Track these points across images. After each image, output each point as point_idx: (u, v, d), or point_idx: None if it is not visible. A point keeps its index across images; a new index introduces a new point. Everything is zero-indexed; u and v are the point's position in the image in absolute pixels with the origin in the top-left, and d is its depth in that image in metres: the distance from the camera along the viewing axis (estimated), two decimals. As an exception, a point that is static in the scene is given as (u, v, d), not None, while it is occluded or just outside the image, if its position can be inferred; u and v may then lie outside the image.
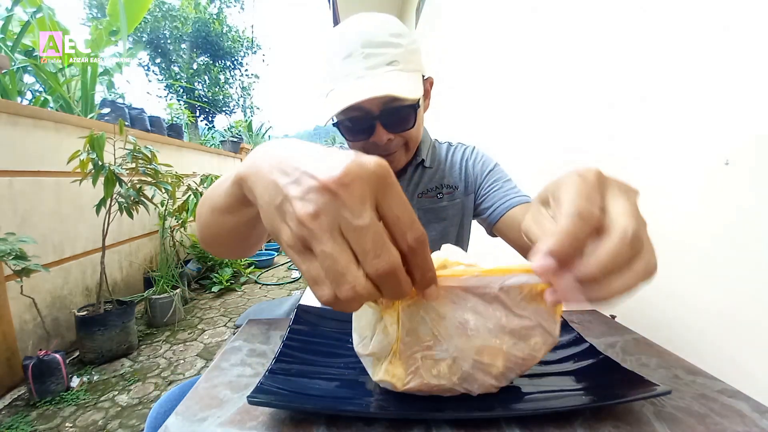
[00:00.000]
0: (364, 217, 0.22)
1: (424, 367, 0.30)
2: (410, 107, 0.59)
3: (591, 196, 0.24)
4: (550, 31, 0.95)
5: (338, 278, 0.22)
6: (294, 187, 0.23)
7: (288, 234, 0.23)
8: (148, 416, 0.52)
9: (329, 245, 0.22)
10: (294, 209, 0.23)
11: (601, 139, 0.73)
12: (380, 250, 0.22)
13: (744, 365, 0.43)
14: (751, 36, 0.43)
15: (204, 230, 0.42)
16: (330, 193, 0.22)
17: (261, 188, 0.26)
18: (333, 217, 0.22)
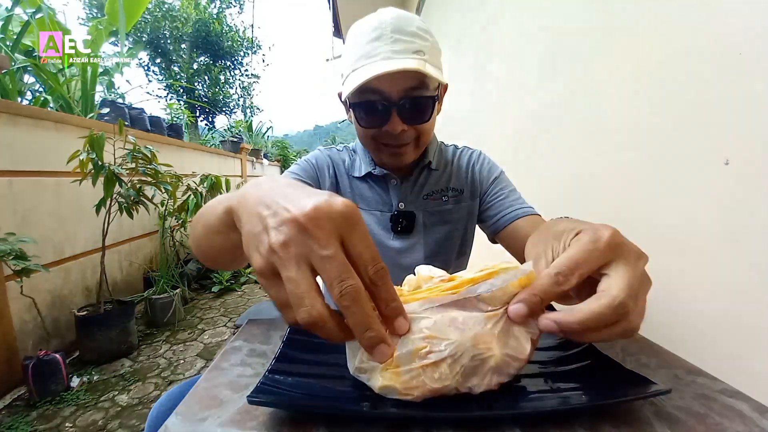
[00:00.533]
0: (329, 249, 0.25)
1: (426, 375, 0.30)
2: (429, 99, 0.59)
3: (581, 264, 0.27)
4: (550, 31, 0.95)
5: (297, 302, 0.25)
6: (272, 218, 0.26)
7: (259, 260, 0.26)
8: (149, 416, 0.52)
9: (293, 272, 0.25)
10: (268, 238, 0.26)
11: (602, 138, 0.73)
12: (345, 275, 0.25)
13: (744, 365, 0.43)
14: (751, 36, 0.43)
15: (198, 244, 0.45)
16: (299, 226, 0.25)
17: (245, 218, 0.29)
18: (301, 247, 0.25)
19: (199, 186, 2.78)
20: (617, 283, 0.27)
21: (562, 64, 0.88)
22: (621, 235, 0.29)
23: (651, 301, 0.58)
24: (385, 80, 0.54)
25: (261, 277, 0.26)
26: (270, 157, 7.97)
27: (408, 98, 0.57)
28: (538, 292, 0.28)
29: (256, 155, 6.47)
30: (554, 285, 0.28)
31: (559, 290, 0.28)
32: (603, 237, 0.28)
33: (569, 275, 0.27)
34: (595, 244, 0.28)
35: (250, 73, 11.17)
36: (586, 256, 0.28)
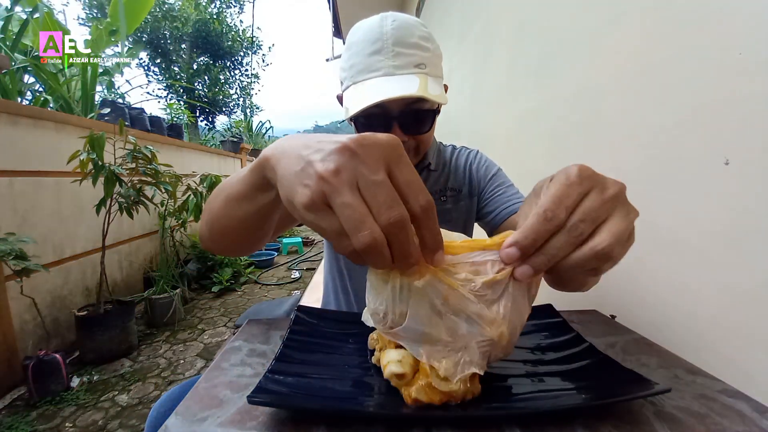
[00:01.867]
0: (380, 174, 0.25)
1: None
2: (430, 111, 0.60)
3: (562, 198, 0.27)
4: (550, 31, 0.95)
5: (357, 226, 0.24)
6: (316, 153, 0.26)
7: (307, 194, 0.25)
8: (149, 415, 0.52)
9: (349, 197, 0.24)
10: (315, 169, 0.25)
11: (601, 138, 0.73)
12: (392, 202, 0.24)
13: (744, 365, 0.43)
14: (751, 36, 0.43)
15: (214, 223, 0.43)
16: (350, 152, 0.25)
17: (284, 162, 0.29)
18: (352, 172, 0.24)
19: (199, 186, 2.78)
20: (577, 214, 0.27)
21: (562, 64, 0.88)
22: (590, 168, 0.29)
23: (651, 302, 0.58)
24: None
25: (309, 211, 0.25)
26: (270, 157, 7.93)
27: (408, 111, 0.57)
28: (528, 231, 0.27)
29: (256, 155, 6.46)
30: (543, 221, 0.27)
31: (550, 225, 0.27)
32: (574, 171, 0.28)
33: (555, 209, 0.27)
34: (569, 179, 0.28)
35: (250, 73, 11.17)
36: (564, 189, 0.28)
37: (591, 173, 0.29)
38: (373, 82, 0.55)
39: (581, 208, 0.27)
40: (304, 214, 0.26)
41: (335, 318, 0.50)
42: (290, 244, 4.67)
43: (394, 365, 0.32)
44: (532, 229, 0.27)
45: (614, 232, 0.27)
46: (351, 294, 0.73)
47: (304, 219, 0.26)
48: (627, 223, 0.28)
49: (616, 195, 0.28)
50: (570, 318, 0.53)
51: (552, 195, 0.28)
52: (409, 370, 0.32)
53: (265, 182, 0.33)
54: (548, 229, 0.27)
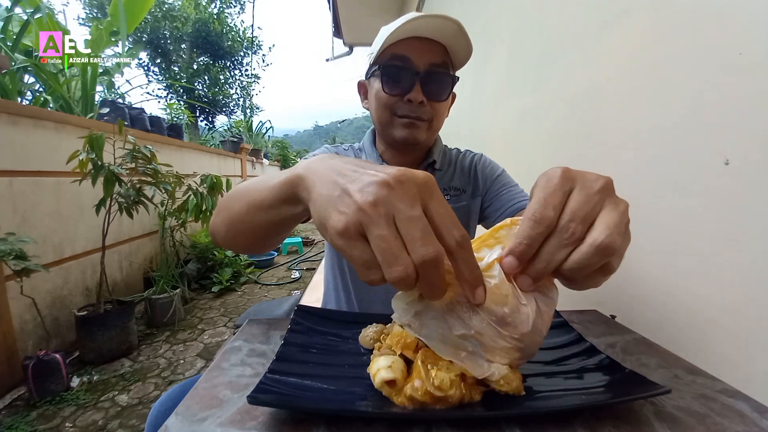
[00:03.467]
0: (416, 210, 0.25)
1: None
2: (450, 77, 0.64)
3: (549, 200, 0.28)
4: (549, 31, 0.95)
5: (391, 260, 0.25)
6: (353, 183, 0.27)
7: (342, 221, 0.26)
8: (149, 415, 0.52)
9: (385, 229, 0.25)
10: (353, 198, 0.26)
11: (601, 138, 0.73)
12: (427, 239, 0.25)
13: (744, 365, 0.43)
14: (751, 36, 0.43)
15: (232, 225, 0.44)
16: (388, 186, 0.25)
17: (319, 185, 0.30)
18: (389, 206, 0.25)
19: (199, 186, 2.78)
20: (567, 213, 0.27)
21: (562, 64, 0.88)
22: (572, 169, 0.30)
23: (651, 302, 0.58)
24: (415, 50, 0.59)
25: (342, 237, 0.26)
26: (270, 157, 7.97)
27: (433, 72, 0.61)
28: (520, 238, 0.28)
29: (256, 155, 6.47)
30: (533, 225, 0.27)
31: (541, 228, 0.27)
32: (556, 172, 0.29)
33: (542, 210, 0.27)
34: (551, 180, 0.28)
35: (250, 73, 11.17)
36: (548, 191, 0.28)
37: (573, 172, 0.29)
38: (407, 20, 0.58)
39: (568, 208, 0.28)
40: (336, 239, 0.26)
41: (335, 318, 0.50)
42: (290, 244, 4.67)
43: (384, 371, 0.32)
44: (523, 235, 0.28)
45: (609, 224, 0.27)
46: (352, 292, 0.73)
47: (335, 244, 0.27)
48: (619, 214, 0.28)
49: (603, 188, 0.28)
50: (570, 318, 0.53)
51: (537, 198, 0.28)
52: (399, 375, 0.32)
53: (294, 198, 0.34)
54: (540, 231, 0.27)
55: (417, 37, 0.60)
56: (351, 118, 51.75)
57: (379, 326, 0.44)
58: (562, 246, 0.27)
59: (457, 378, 0.31)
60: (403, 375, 0.33)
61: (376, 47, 0.63)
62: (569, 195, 0.28)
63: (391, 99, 0.63)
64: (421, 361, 0.32)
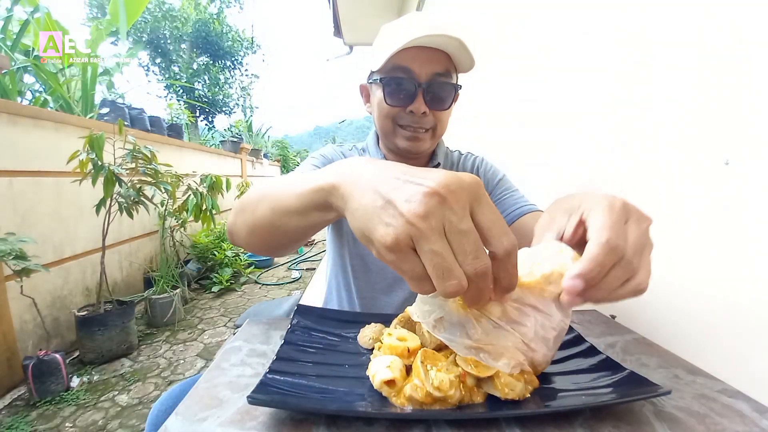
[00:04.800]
0: (466, 222, 0.24)
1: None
2: (452, 86, 0.63)
3: (619, 229, 0.28)
4: (548, 30, 0.95)
5: (446, 274, 0.24)
6: (397, 192, 0.25)
7: (390, 234, 0.24)
8: (149, 414, 0.52)
9: (438, 244, 0.24)
10: (400, 210, 0.24)
11: (601, 139, 0.73)
12: (478, 252, 0.24)
13: (744, 365, 0.43)
14: (752, 35, 0.43)
15: (255, 228, 0.43)
16: (438, 197, 0.24)
17: (358, 194, 0.28)
18: (440, 219, 0.24)
19: (199, 186, 2.78)
20: (602, 226, 0.28)
21: (561, 64, 0.88)
22: (627, 202, 0.31)
23: (651, 302, 0.58)
24: (416, 61, 0.59)
25: (391, 251, 0.25)
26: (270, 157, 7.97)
27: (434, 82, 0.60)
28: (593, 264, 0.28)
29: (256, 155, 6.47)
30: (608, 253, 0.27)
31: (614, 257, 0.28)
32: (617, 202, 0.30)
33: (618, 240, 0.28)
34: (614, 209, 0.30)
35: (250, 73, 11.16)
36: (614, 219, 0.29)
37: (629, 205, 0.31)
38: (411, 29, 0.57)
39: (631, 242, 0.28)
40: (385, 254, 0.25)
41: (335, 318, 0.50)
42: (290, 244, 4.65)
43: (383, 371, 0.32)
44: (597, 262, 0.27)
45: (649, 269, 0.29)
46: (354, 291, 0.73)
47: (383, 258, 0.26)
48: (650, 257, 0.30)
49: (647, 229, 0.30)
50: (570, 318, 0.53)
51: (608, 225, 0.28)
52: (398, 375, 0.32)
53: (326, 205, 0.33)
54: (612, 260, 0.28)
55: (419, 45, 0.59)
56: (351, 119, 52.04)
57: (378, 326, 0.44)
58: (621, 279, 0.28)
59: (456, 379, 0.31)
60: (402, 375, 0.33)
61: (377, 48, 0.63)
62: (627, 227, 0.29)
63: (393, 110, 0.63)
64: (421, 361, 0.32)
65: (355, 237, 0.71)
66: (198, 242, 3.29)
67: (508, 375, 0.32)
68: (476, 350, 0.31)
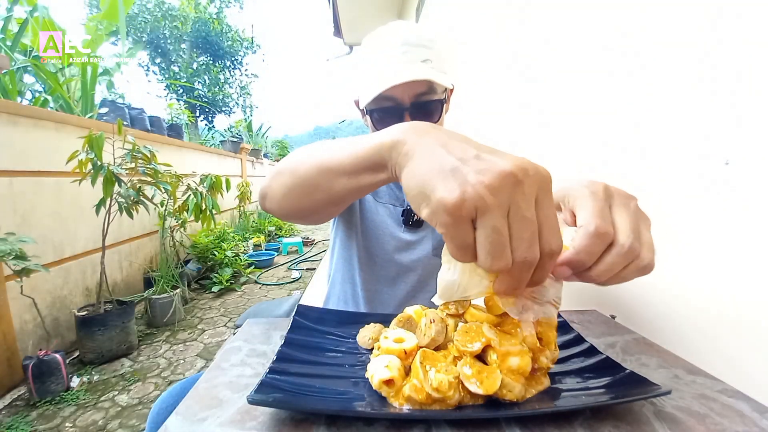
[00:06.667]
0: (531, 210, 0.24)
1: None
2: (438, 102, 0.65)
3: (604, 214, 0.29)
4: (547, 29, 0.95)
5: (497, 253, 0.24)
6: (472, 162, 0.25)
7: (455, 196, 0.24)
8: (150, 413, 0.52)
9: (500, 221, 0.24)
10: (471, 179, 0.24)
11: (601, 139, 0.73)
12: (533, 242, 0.25)
13: (744, 365, 0.43)
14: (752, 35, 0.43)
15: (296, 188, 0.41)
16: (514, 178, 0.24)
17: (426, 153, 0.27)
18: (509, 198, 0.24)
19: (199, 186, 2.78)
20: (622, 230, 0.28)
21: (562, 63, 0.88)
22: (607, 185, 0.32)
23: (651, 302, 0.58)
24: (397, 88, 0.60)
25: (450, 215, 0.24)
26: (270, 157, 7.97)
27: (418, 103, 0.63)
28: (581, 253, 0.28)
29: (256, 155, 6.47)
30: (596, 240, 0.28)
31: (603, 244, 0.28)
32: (598, 186, 0.31)
33: (605, 226, 0.28)
34: (597, 194, 0.30)
35: (249, 72, 11.16)
36: (599, 205, 0.29)
37: (610, 188, 0.31)
38: (384, 77, 0.60)
39: (628, 226, 0.29)
40: (440, 213, 0.24)
41: (335, 318, 0.50)
42: (290, 244, 4.66)
43: (381, 371, 0.32)
44: (585, 250, 0.28)
45: (650, 246, 0.29)
46: (358, 284, 0.73)
47: (435, 218, 0.25)
48: (649, 233, 0.30)
49: (637, 207, 0.31)
50: (570, 318, 0.53)
51: (593, 212, 0.29)
52: (397, 374, 0.32)
53: (381, 164, 0.32)
54: (602, 247, 0.28)
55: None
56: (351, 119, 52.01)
57: (377, 326, 0.44)
58: (623, 261, 0.28)
59: (455, 380, 0.31)
60: (400, 374, 0.33)
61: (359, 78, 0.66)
62: (612, 209, 0.30)
63: None
64: (420, 362, 0.32)
65: (364, 229, 0.72)
66: (198, 242, 3.29)
67: (507, 376, 0.31)
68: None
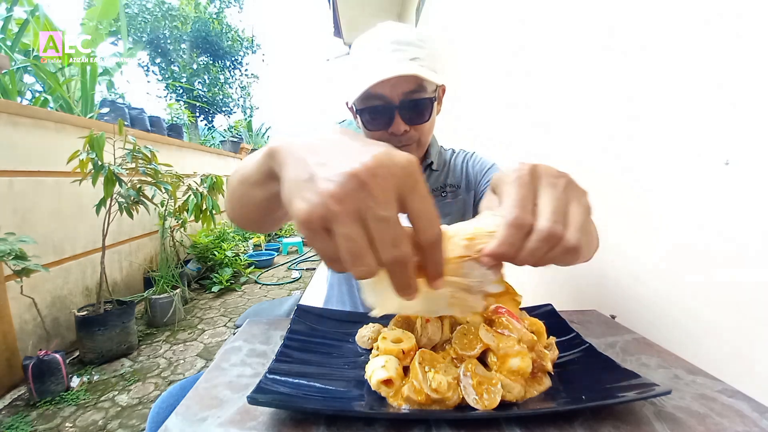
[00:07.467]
0: (388, 209, 0.23)
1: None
2: (428, 100, 0.64)
3: (524, 202, 0.28)
4: (548, 29, 0.95)
5: (355, 260, 0.24)
6: (323, 168, 0.24)
7: (306, 210, 0.24)
8: (150, 413, 0.52)
9: (350, 228, 0.23)
10: (320, 188, 0.23)
11: (601, 138, 0.73)
12: (398, 241, 0.24)
13: (744, 365, 0.43)
14: (752, 35, 0.43)
15: (232, 202, 0.43)
16: (359, 181, 0.23)
17: (291, 162, 0.27)
18: (358, 203, 0.23)
19: (199, 186, 2.78)
20: (543, 215, 0.28)
21: (561, 63, 0.88)
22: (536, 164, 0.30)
23: (651, 302, 0.58)
24: (386, 86, 0.60)
25: (305, 228, 0.24)
26: (270, 156, 7.93)
27: (408, 101, 0.62)
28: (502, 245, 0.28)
29: (256, 155, 6.47)
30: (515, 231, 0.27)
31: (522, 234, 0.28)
32: (524, 170, 0.30)
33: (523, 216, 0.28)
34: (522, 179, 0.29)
35: (249, 72, 11.16)
36: (522, 192, 0.28)
37: (538, 168, 0.30)
38: (372, 74, 0.60)
39: (547, 208, 0.28)
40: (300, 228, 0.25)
41: (335, 318, 0.50)
42: (290, 244, 4.67)
43: (379, 371, 0.32)
44: (505, 242, 0.28)
45: (578, 226, 0.28)
46: (354, 285, 0.75)
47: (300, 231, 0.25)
48: (583, 211, 0.29)
49: (568, 185, 0.29)
50: (570, 318, 0.53)
51: (514, 200, 0.28)
52: (395, 373, 0.32)
53: (273, 173, 0.31)
54: (521, 237, 0.28)
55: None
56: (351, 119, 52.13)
57: (376, 326, 0.44)
58: (545, 246, 0.28)
59: (454, 381, 0.31)
60: (399, 374, 0.33)
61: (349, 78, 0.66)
62: (538, 192, 0.29)
63: (376, 134, 0.66)
64: (419, 362, 0.32)
65: None
66: (198, 242, 3.29)
67: (507, 377, 0.31)
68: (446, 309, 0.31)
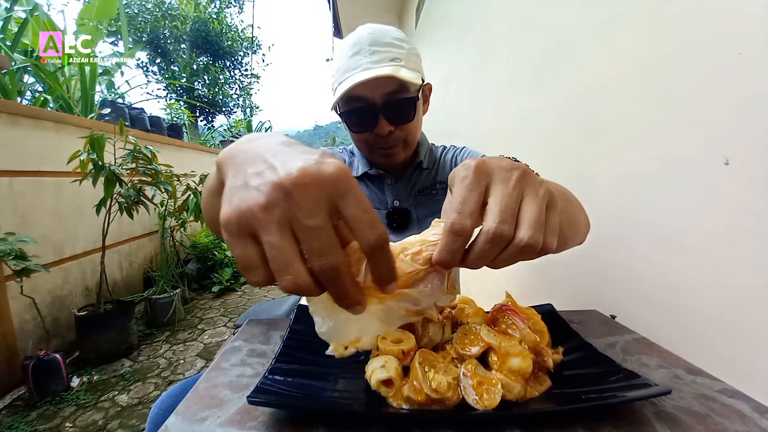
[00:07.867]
0: (315, 218, 0.23)
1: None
2: (410, 100, 0.64)
3: (464, 205, 0.27)
4: (549, 30, 0.95)
5: (280, 269, 0.23)
6: (255, 177, 0.24)
7: (228, 213, 0.24)
8: (150, 413, 0.52)
9: (275, 237, 0.23)
10: (248, 196, 0.23)
11: (601, 138, 0.73)
12: (327, 249, 0.23)
13: (744, 365, 0.43)
14: (751, 36, 0.43)
15: (204, 210, 0.45)
16: (284, 191, 0.23)
17: (231, 170, 0.27)
18: (284, 213, 0.23)
19: (199, 186, 2.78)
20: (489, 214, 0.27)
21: (562, 64, 0.88)
22: (487, 159, 0.29)
23: (651, 302, 0.58)
24: (367, 87, 0.60)
25: (225, 231, 0.24)
26: (270, 157, 7.93)
27: (390, 101, 0.62)
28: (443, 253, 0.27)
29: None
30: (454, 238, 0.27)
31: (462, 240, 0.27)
32: (470, 169, 0.28)
33: (462, 221, 0.27)
34: (467, 179, 0.28)
35: (249, 73, 11.16)
36: (465, 194, 0.27)
37: (488, 164, 0.29)
38: (352, 77, 0.60)
39: (493, 208, 0.27)
40: (221, 231, 0.24)
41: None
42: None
43: (378, 372, 0.32)
44: (443, 250, 0.27)
45: (531, 222, 0.27)
46: None
47: (223, 236, 0.25)
48: (538, 205, 0.27)
49: (520, 179, 0.28)
50: (570, 318, 0.53)
51: (455, 204, 0.27)
52: (394, 374, 0.32)
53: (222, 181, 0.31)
54: (462, 243, 0.27)
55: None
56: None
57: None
58: (494, 248, 0.27)
59: (454, 381, 0.31)
60: (398, 374, 0.33)
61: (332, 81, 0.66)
62: (487, 190, 0.28)
63: (361, 135, 0.67)
64: (419, 363, 0.32)
65: None
66: (198, 242, 3.29)
67: (508, 377, 0.31)
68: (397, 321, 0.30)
